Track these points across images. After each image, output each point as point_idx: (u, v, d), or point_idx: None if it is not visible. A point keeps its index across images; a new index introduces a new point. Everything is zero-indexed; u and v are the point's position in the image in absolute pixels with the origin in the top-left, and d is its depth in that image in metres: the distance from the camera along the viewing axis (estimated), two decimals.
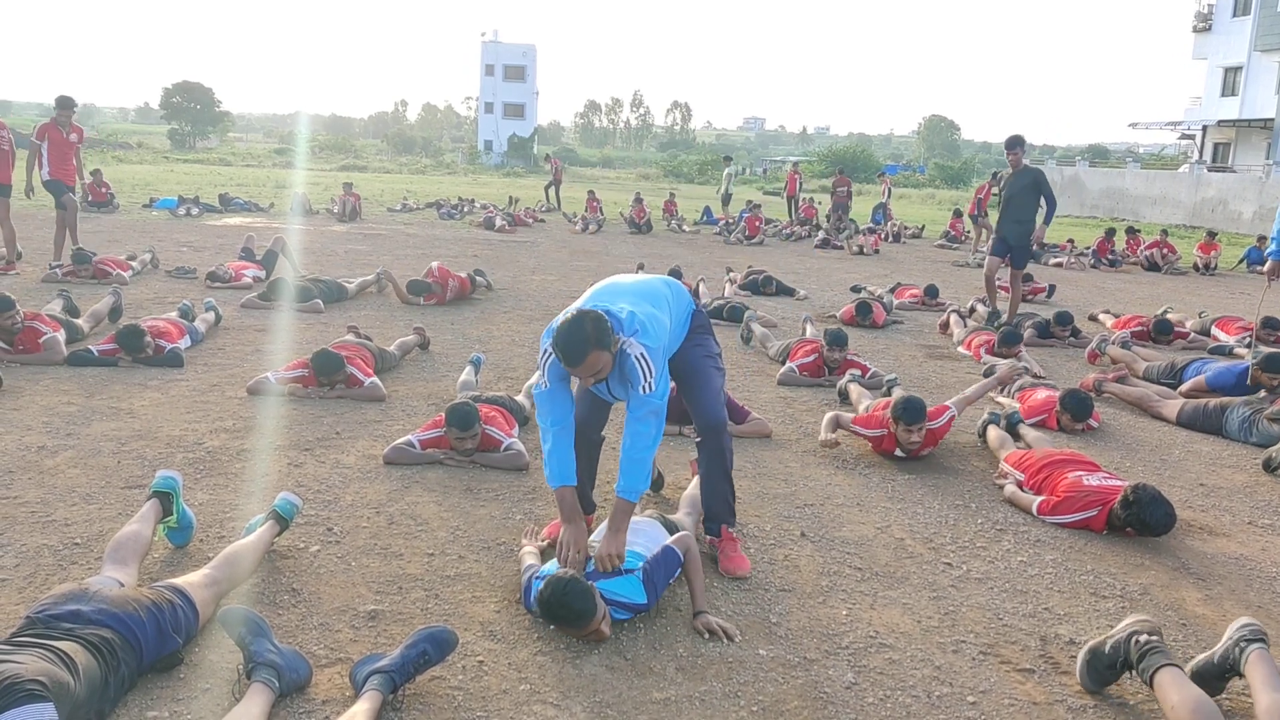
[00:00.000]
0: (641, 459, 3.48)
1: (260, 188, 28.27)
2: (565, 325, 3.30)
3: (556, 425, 3.58)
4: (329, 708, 2.78)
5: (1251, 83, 38.88)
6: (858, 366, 7.20)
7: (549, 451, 3.59)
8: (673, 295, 3.81)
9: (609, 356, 3.33)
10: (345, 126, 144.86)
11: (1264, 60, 38.16)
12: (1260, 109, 38.02)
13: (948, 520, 4.56)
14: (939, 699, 3.00)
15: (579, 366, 3.31)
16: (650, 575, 3.35)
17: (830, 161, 60.45)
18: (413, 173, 49.52)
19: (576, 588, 3.16)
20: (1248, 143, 39.88)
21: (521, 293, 11.33)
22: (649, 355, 3.39)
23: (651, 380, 3.40)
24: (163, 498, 3.64)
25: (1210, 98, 41.83)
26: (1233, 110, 39.81)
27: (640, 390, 3.41)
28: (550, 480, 3.60)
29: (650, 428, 3.47)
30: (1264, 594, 3.93)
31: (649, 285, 3.76)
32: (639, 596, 3.32)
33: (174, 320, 7.50)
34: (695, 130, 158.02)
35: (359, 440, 5.32)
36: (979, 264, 17.02)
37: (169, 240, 14.45)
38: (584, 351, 3.26)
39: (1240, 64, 39.45)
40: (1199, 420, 6.47)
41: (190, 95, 74.43)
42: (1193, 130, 43.86)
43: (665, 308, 3.69)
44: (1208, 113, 41.61)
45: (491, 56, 77.80)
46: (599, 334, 3.26)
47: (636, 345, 3.39)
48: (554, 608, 3.14)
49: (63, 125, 10.89)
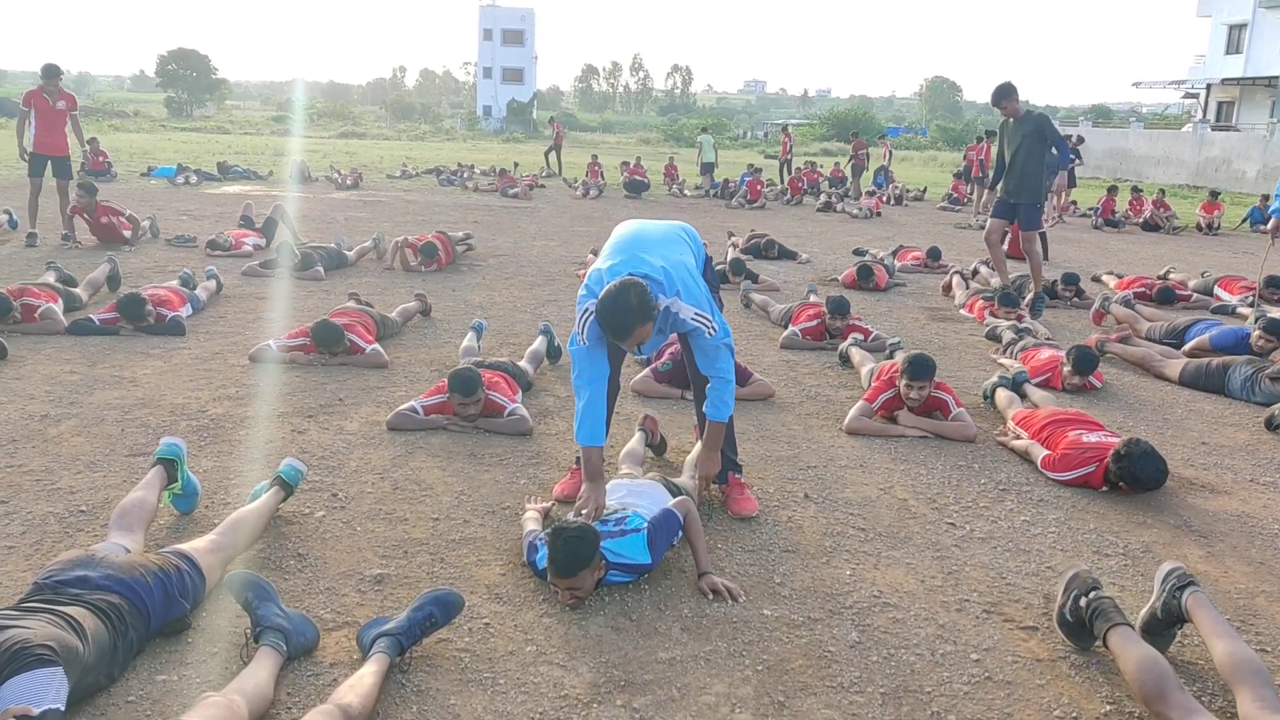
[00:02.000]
0: (728, 401, 3.73)
1: (259, 155, 28.12)
2: (610, 298, 3.30)
3: (593, 384, 3.64)
4: (336, 670, 2.80)
5: (1256, 40, 38.48)
6: (860, 330, 7.18)
7: (582, 409, 3.64)
8: (691, 244, 3.89)
9: (652, 326, 3.40)
10: (343, 93, 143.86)
11: (1269, 17, 37.74)
12: (1265, 66, 37.65)
13: (950, 481, 4.57)
14: (943, 657, 3.02)
15: (626, 340, 3.37)
16: (653, 536, 3.37)
17: (831, 124, 60.09)
18: (412, 139, 49.23)
19: (586, 534, 3.18)
20: (1252, 101, 39.53)
21: (523, 258, 11.29)
22: (698, 306, 3.53)
23: (712, 326, 3.57)
24: (167, 464, 3.65)
25: (1214, 56, 41.43)
26: (1237, 68, 39.44)
27: (706, 336, 3.57)
28: (580, 438, 3.66)
29: (725, 365, 3.70)
30: (1265, 550, 3.94)
31: (672, 234, 3.82)
32: (643, 556, 3.33)
33: (175, 289, 7.48)
34: (696, 94, 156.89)
35: (362, 406, 5.32)
36: (980, 226, 16.96)
37: (168, 209, 14.40)
38: (631, 326, 3.30)
39: (1245, 21, 39.03)
40: (1201, 379, 6.47)
41: (186, 63, 73.94)
42: (1196, 89, 43.48)
43: (691, 255, 3.79)
44: (1212, 71, 41.22)
45: (490, 21, 77.07)
46: (644, 306, 3.30)
47: (686, 307, 3.49)
48: (558, 545, 3.14)
49: (50, 94, 10.79)
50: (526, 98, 75.42)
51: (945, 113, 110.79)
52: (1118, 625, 2.86)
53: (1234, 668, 2.63)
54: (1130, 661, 2.71)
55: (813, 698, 2.78)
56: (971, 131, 60.01)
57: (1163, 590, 3.04)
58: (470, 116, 73.85)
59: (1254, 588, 3.59)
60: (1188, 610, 2.91)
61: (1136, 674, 2.66)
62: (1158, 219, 18.09)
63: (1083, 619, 2.98)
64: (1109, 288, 10.50)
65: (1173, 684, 2.60)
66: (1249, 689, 2.55)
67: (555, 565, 3.16)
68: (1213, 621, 2.83)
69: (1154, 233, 17.69)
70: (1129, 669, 2.70)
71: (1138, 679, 2.65)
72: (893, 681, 2.87)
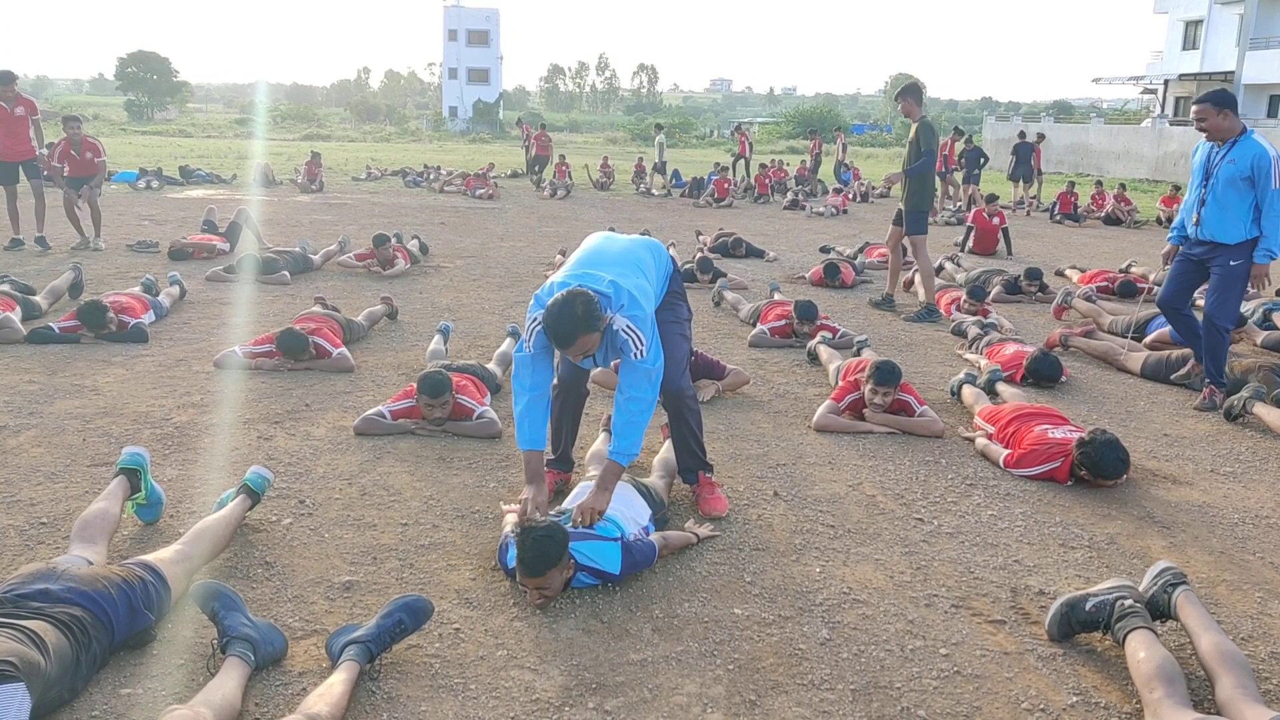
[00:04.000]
0: (636, 423, 3.56)
1: (222, 159, 27.83)
2: (556, 307, 3.32)
3: (533, 390, 3.64)
4: (305, 679, 2.77)
5: (1212, 35, 39.09)
6: (827, 328, 7.22)
7: (520, 414, 3.66)
8: (655, 259, 3.87)
9: (598, 336, 3.39)
10: (307, 95, 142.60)
11: (1224, 13, 38.35)
12: (1221, 62, 38.26)
13: (918, 476, 4.61)
14: (912, 652, 3.04)
15: (569, 349, 3.38)
16: (630, 550, 3.37)
17: (797, 122, 60.33)
18: (377, 141, 48.87)
19: (555, 534, 3.18)
20: None
21: (490, 259, 11.25)
22: (636, 325, 3.45)
23: (643, 348, 3.47)
24: (130, 474, 3.60)
25: (1172, 51, 42.02)
26: (1194, 64, 40.03)
27: (632, 357, 3.48)
28: (520, 443, 3.67)
29: (645, 392, 3.56)
30: (1226, 539, 4.00)
31: (633, 251, 3.78)
32: (613, 567, 3.32)
33: (137, 295, 7.38)
34: (662, 93, 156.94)
35: (329, 412, 5.28)
36: (947, 221, 17.10)
37: (129, 214, 14.21)
38: (574, 335, 3.32)
39: (1201, 17, 39.62)
40: (1163, 372, 6.56)
41: (146, 65, 72.90)
42: (1155, 85, 44.14)
43: (649, 273, 3.74)
44: (1169, 67, 41.83)
45: (454, 21, 76.59)
46: (589, 317, 3.30)
47: (622, 319, 3.43)
48: (526, 544, 3.13)
49: (7, 101, 10.62)
50: (493, 98, 75.03)
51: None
52: (1145, 628, 2.90)
53: (1219, 659, 2.71)
54: (1149, 659, 2.74)
55: (784, 696, 2.79)
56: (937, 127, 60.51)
57: (1153, 585, 3.10)
58: (436, 117, 73.37)
59: (1215, 577, 3.65)
60: (1177, 606, 2.98)
61: (1153, 670, 2.69)
62: (1119, 213, 18.32)
63: (1108, 618, 3.00)
64: (1072, 282, 10.63)
65: (1182, 686, 2.66)
66: (1231, 676, 2.63)
67: (523, 564, 3.15)
68: (1200, 617, 2.91)
69: (1115, 226, 17.91)
70: (1147, 664, 2.73)
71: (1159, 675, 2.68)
72: (863, 678, 2.89)
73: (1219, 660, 2.70)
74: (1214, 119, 5.76)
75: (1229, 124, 5.75)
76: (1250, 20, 36.26)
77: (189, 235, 11.22)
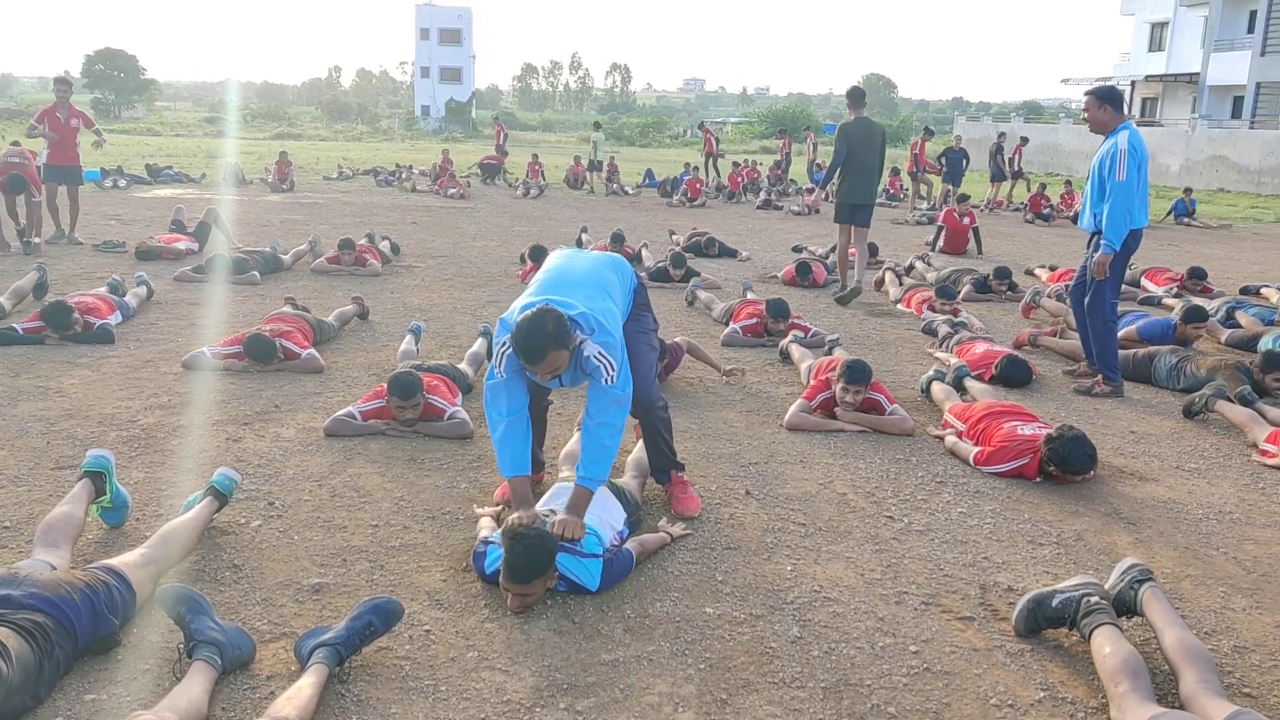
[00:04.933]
0: (606, 448, 3.51)
1: (191, 158, 27.54)
2: (526, 323, 3.29)
3: (511, 415, 3.57)
4: (274, 683, 2.75)
5: (1177, 37, 39.60)
6: (799, 327, 7.25)
7: (500, 440, 3.57)
8: (619, 277, 3.84)
9: (567, 355, 3.36)
10: (278, 94, 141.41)
11: (1189, 15, 38.86)
12: (1186, 64, 38.78)
13: (889, 474, 4.63)
14: (882, 649, 3.06)
15: (539, 365, 3.32)
16: (610, 566, 3.36)
17: (770, 122, 60.51)
18: (349, 140, 48.57)
19: (546, 542, 3.17)
20: (1174, 97, 40.69)
21: (462, 259, 11.21)
22: (608, 351, 3.42)
23: (614, 374, 3.44)
24: (95, 477, 3.55)
25: (1138, 53, 42.56)
26: (1159, 65, 40.56)
27: (603, 382, 3.44)
28: (503, 469, 3.60)
29: (614, 418, 3.51)
30: (1190, 535, 4.05)
31: (597, 272, 3.75)
32: (592, 584, 3.31)
33: (103, 295, 7.28)
34: (636, 92, 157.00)
35: (299, 413, 5.24)
36: (918, 221, 17.22)
37: (95, 213, 14.03)
38: (544, 351, 3.27)
39: (1166, 19, 40.15)
40: (1129, 369, 6.63)
41: (113, 63, 72.08)
42: (1122, 85, 44.58)
43: (615, 294, 3.71)
44: (1136, 68, 42.34)
45: (426, 20, 76.21)
46: (559, 334, 3.27)
47: (593, 345, 3.41)
48: (516, 550, 3.12)
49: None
50: (465, 97, 74.79)
51: (881, 109, 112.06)
52: (1110, 624, 2.93)
53: (1183, 653, 2.74)
54: (1115, 653, 2.77)
55: (755, 694, 2.79)
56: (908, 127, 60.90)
57: (1120, 581, 3.13)
58: (408, 116, 73.03)
59: (1180, 572, 3.70)
60: (1143, 602, 3.01)
61: (1119, 665, 2.72)
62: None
63: (1074, 615, 3.03)
64: (1041, 281, 10.74)
65: (1147, 680, 2.69)
66: (1195, 671, 2.67)
67: (510, 569, 3.13)
68: (1165, 612, 2.95)
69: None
70: (1113, 658, 2.76)
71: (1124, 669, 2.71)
72: (833, 676, 2.90)
73: (1183, 655, 2.74)
74: (1094, 112, 6.12)
75: (1107, 118, 6.08)
76: (1215, 22, 36.78)
77: (157, 235, 11.10)
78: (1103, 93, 6.15)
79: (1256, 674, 3.00)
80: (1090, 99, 6.15)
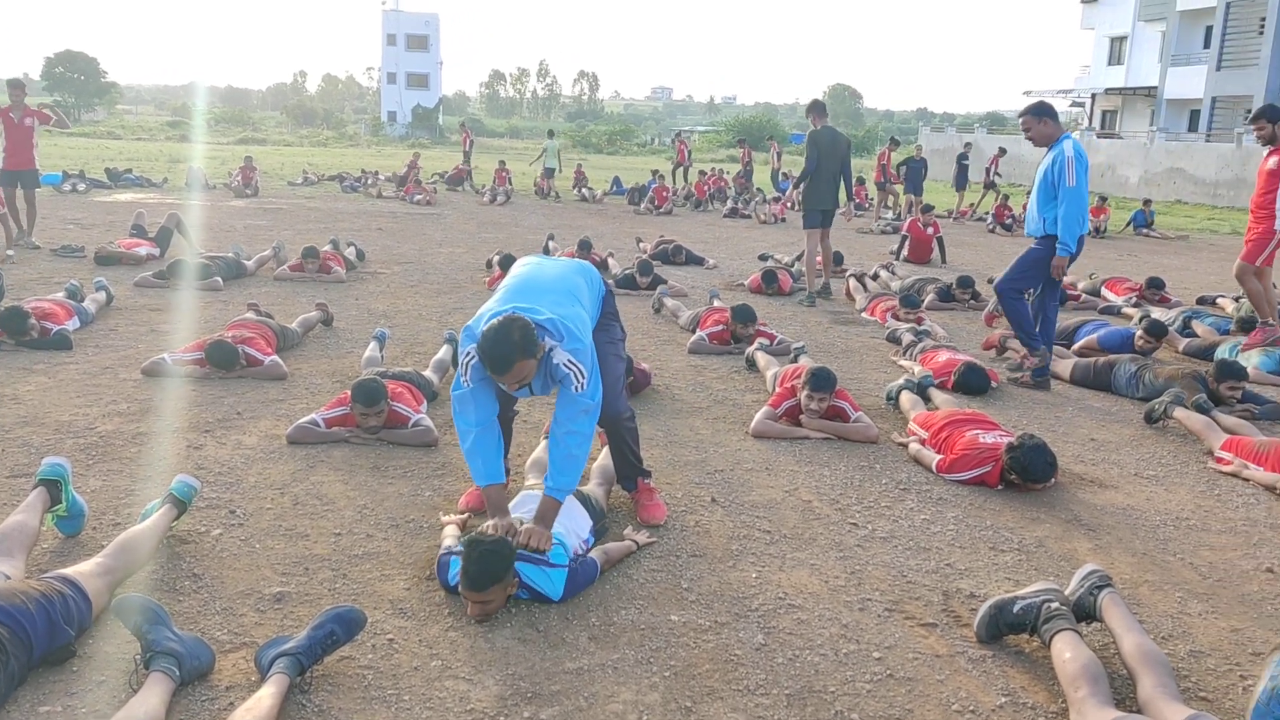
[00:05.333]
0: (575, 457, 3.48)
1: (153, 162, 27.22)
2: (492, 332, 3.25)
3: (480, 425, 3.53)
4: (233, 694, 2.71)
5: (1136, 51, 40.31)
6: (765, 335, 7.29)
7: (470, 450, 3.54)
8: (588, 285, 3.82)
9: (535, 364, 3.32)
10: (242, 98, 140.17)
11: (1147, 30, 39.56)
12: (1144, 77, 39.46)
13: (853, 481, 4.66)
14: (846, 656, 3.08)
15: (505, 375, 3.28)
16: (574, 576, 3.35)
17: (737, 131, 60.79)
18: (314, 145, 48.21)
19: (502, 549, 3.15)
20: (1133, 110, 41.39)
21: (428, 265, 11.15)
22: (577, 358, 3.40)
23: (583, 382, 3.41)
24: (50, 485, 3.49)
25: (1098, 66, 43.26)
26: (1119, 78, 41.25)
27: (573, 390, 3.42)
28: (476, 479, 3.57)
29: (583, 426, 3.48)
30: (1148, 541, 4.11)
31: (566, 278, 3.73)
32: (555, 593, 3.29)
33: (61, 301, 7.17)
34: (603, 100, 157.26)
35: (261, 420, 5.19)
36: (883, 230, 17.37)
37: (54, 218, 13.81)
38: (511, 360, 3.23)
39: (1125, 34, 40.84)
40: (1089, 378, 6.73)
41: (74, 65, 71.11)
42: (1083, 98, 45.33)
43: (584, 301, 3.70)
44: (1096, 81, 43.04)
45: (393, 26, 75.88)
46: (526, 342, 3.23)
47: (563, 353, 3.38)
48: (473, 558, 3.10)
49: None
50: (432, 103, 74.49)
51: (847, 119, 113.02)
52: (1070, 630, 2.96)
53: (1141, 658, 2.78)
54: (1074, 659, 2.80)
55: (719, 702, 2.80)
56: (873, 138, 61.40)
57: (1080, 587, 3.17)
58: (375, 122, 72.65)
59: (1138, 578, 3.75)
60: (1102, 608, 3.05)
61: (1078, 670, 2.75)
62: None
63: (1035, 620, 3.06)
64: None
65: (1105, 685, 2.72)
66: (1152, 675, 2.70)
67: (468, 578, 3.11)
68: (1124, 618, 2.98)
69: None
70: (1072, 664, 2.79)
71: (1083, 674, 2.74)
72: (797, 682, 2.91)
73: (1141, 660, 2.77)
74: (1036, 127, 6.42)
75: (1049, 130, 6.41)
76: (1171, 38, 37.47)
77: (117, 240, 10.95)
78: (1040, 109, 6.48)
79: (1212, 678, 3.05)
80: (1029, 117, 6.50)
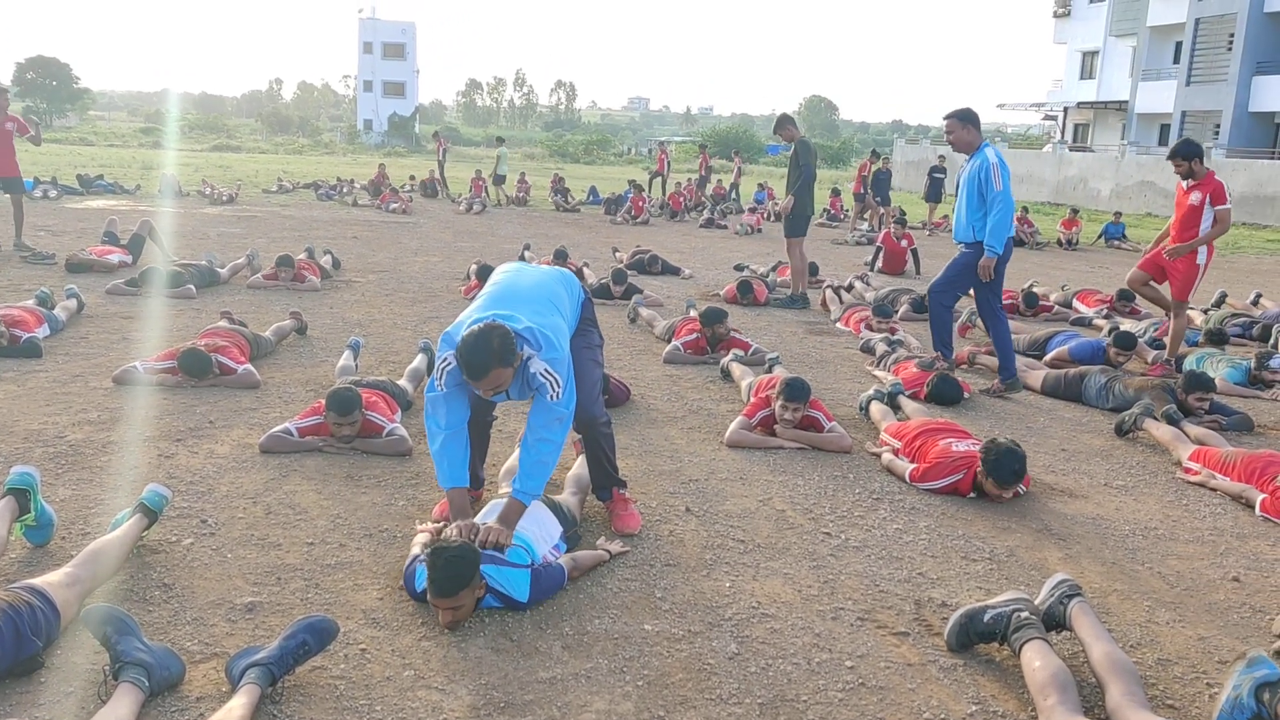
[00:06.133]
0: (544, 463, 3.52)
1: (126, 169, 26.99)
2: (471, 339, 3.27)
3: (450, 429, 3.56)
4: (204, 704, 2.69)
5: (1107, 66, 40.81)
6: (740, 345, 7.32)
7: (438, 452, 3.57)
8: (567, 292, 3.85)
9: (511, 372, 3.35)
10: (217, 105, 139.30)
11: (1119, 45, 40.08)
12: (1116, 91, 39.95)
13: (826, 491, 4.69)
14: (819, 665, 3.09)
15: (481, 382, 3.31)
16: (539, 578, 3.35)
17: (714, 141, 61.04)
18: (289, 153, 47.97)
19: (466, 554, 3.15)
20: (1105, 123, 41.91)
21: (403, 274, 11.12)
22: (554, 368, 3.42)
23: (558, 391, 3.44)
24: (18, 495, 3.46)
25: (1070, 80, 43.74)
26: (1090, 92, 41.74)
27: (547, 399, 3.45)
28: (441, 481, 3.60)
29: (555, 435, 3.52)
30: (1117, 551, 4.16)
31: (545, 287, 3.75)
32: (521, 594, 3.30)
33: (31, 308, 7.10)
34: (580, 110, 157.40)
35: (234, 429, 5.15)
36: (858, 241, 17.48)
37: (24, 224, 13.60)
38: (488, 368, 3.26)
39: (1097, 48, 41.35)
40: (1060, 389, 6.80)
41: (46, 71, 70.35)
42: (1055, 112, 45.85)
43: (563, 309, 3.72)
44: (1068, 95, 43.53)
45: (370, 34, 75.67)
46: (504, 350, 3.26)
47: (540, 362, 3.40)
48: (438, 565, 3.10)
49: None
50: (408, 112, 74.30)
51: (823, 131, 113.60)
52: (1039, 639, 2.99)
53: (1109, 667, 2.81)
54: (1044, 668, 2.83)
55: (692, 711, 2.80)
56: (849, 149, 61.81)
57: (1050, 596, 3.21)
58: (351, 130, 72.41)
59: (1107, 586, 3.79)
60: (1072, 617, 3.09)
61: (1048, 679, 2.78)
62: (1022, 234, 18.94)
63: (1005, 629, 3.09)
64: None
65: (1074, 694, 2.75)
66: (1120, 684, 2.74)
67: (435, 586, 3.11)
68: (1093, 627, 3.02)
69: (1019, 247, 18.49)
70: (1041, 673, 2.82)
71: (1052, 683, 2.77)
72: (770, 691, 2.92)
73: (1109, 668, 2.81)
74: (959, 132, 6.57)
75: (970, 138, 6.57)
76: (1142, 53, 37.97)
77: (89, 247, 10.85)
78: (964, 114, 6.59)
79: (1179, 686, 3.08)
80: (953, 121, 6.60)
